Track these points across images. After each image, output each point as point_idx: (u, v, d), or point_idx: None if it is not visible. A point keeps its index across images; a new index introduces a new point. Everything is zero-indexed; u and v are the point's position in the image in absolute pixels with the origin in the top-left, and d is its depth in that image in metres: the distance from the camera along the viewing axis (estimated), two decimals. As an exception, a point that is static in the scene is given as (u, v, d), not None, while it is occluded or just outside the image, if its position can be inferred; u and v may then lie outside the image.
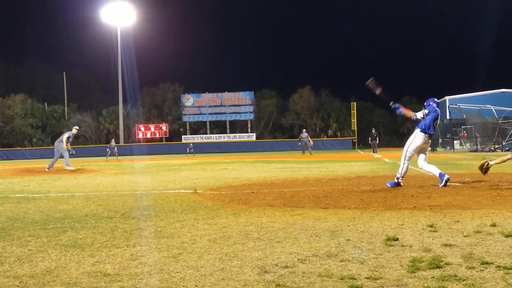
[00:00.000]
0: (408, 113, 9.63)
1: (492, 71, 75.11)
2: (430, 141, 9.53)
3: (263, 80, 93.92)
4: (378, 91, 9.54)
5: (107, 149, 39.34)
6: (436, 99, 9.60)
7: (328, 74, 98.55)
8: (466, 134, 36.93)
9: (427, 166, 9.38)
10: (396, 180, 9.25)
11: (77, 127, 20.73)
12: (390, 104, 9.62)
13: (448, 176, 8.96)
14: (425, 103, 9.58)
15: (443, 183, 8.85)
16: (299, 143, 37.15)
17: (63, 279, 3.59)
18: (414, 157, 9.49)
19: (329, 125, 74.05)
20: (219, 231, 5.30)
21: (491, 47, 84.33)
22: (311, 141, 36.95)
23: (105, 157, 37.63)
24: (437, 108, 9.44)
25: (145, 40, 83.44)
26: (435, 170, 9.21)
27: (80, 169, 18.81)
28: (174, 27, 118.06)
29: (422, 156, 9.46)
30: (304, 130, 38.96)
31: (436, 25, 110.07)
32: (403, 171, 9.24)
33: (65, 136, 18.87)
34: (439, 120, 9.66)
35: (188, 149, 47.98)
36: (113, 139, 44.24)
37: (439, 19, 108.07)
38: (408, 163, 9.29)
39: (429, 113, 9.30)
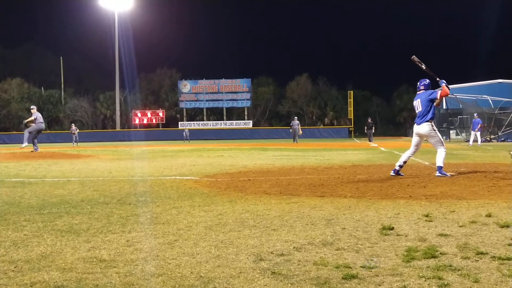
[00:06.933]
0: (445, 91, 9.47)
1: (489, 61, 75.08)
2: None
3: (260, 67, 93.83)
4: (424, 66, 9.55)
5: (72, 135, 38.23)
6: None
7: (325, 62, 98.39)
8: (484, 125, 36.46)
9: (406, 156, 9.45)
10: (442, 169, 9.03)
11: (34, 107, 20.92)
12: (437, 79, 9.44)
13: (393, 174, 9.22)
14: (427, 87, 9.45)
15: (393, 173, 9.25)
16: (290, 130, 37.01)
17: (58, 264, 3.58)
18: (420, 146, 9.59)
19: (325, 113, 74.11)
20: (215, 218, 5.30)
21: (489, 37, 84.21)
22: (300, 130, 36.64)
23: (72, 144, 36.48)
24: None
25: (143, 25, 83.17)
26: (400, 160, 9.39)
27: (77, 154, 18.77)
28: (172, 12, 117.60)
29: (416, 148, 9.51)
30: (296, 117, 38.80)
31: (434, 13, 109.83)
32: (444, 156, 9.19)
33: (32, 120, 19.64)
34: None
35: (184, 134, 47.88)
36: (73, 123, 42.73)
37: (437, 8, 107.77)
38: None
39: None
